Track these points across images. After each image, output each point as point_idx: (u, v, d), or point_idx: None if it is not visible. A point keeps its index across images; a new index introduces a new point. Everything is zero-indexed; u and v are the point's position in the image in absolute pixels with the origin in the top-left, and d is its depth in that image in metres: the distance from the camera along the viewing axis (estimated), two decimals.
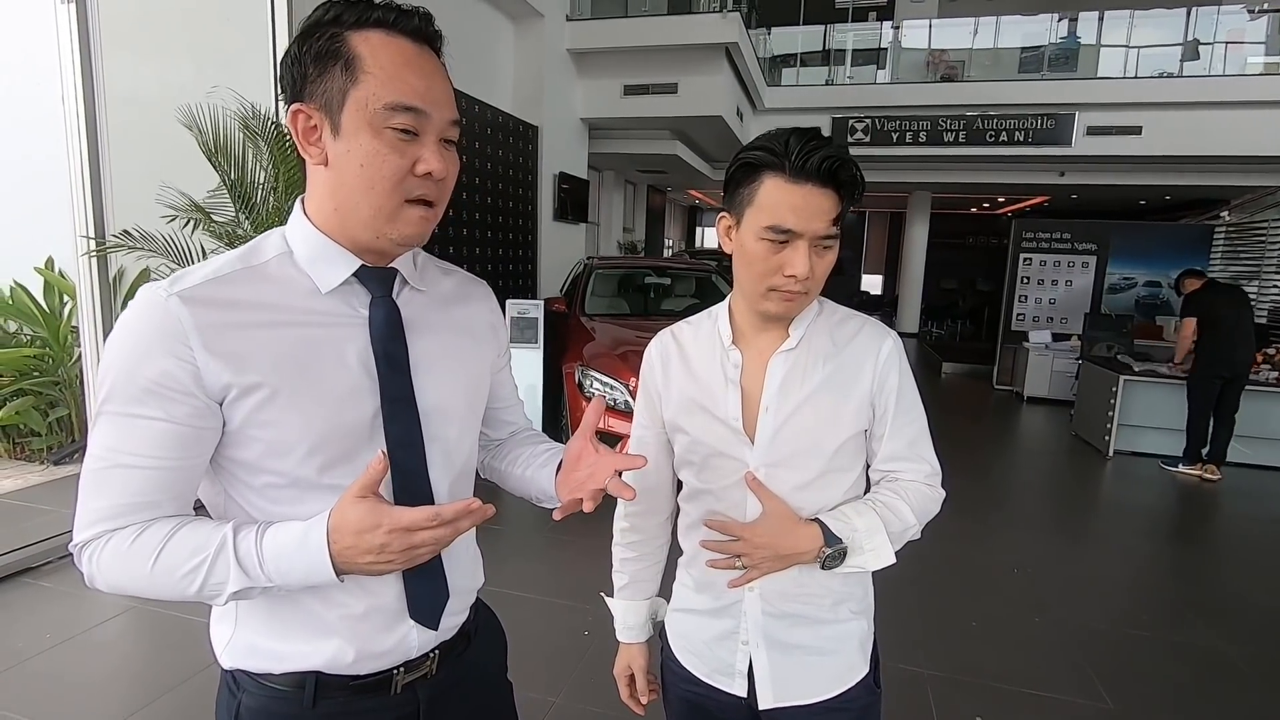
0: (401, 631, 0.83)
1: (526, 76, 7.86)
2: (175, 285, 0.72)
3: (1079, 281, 8.28)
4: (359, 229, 0.76)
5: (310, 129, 0.74)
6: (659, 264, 6.90)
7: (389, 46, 0.72)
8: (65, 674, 2.33)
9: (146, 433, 0.70)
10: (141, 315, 0.70)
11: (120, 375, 0.70)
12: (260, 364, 0.72)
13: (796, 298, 0.92)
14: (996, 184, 12.51)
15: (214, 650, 0.84)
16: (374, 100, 0.71)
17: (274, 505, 0.76)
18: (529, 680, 2.33)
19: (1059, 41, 10.93)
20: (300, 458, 0.75)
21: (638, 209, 14.98)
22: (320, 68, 0.72)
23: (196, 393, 0.70)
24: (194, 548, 0.70)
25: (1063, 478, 5.35)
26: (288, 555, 0.70)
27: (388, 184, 0.73)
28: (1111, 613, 3.04)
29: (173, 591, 0.70)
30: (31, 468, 4.32)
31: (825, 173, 0.86)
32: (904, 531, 0.97)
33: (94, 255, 3.10)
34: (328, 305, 0.78)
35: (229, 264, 0.76)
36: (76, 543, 0.72)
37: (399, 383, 0.80)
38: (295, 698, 0.80)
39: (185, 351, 0.70)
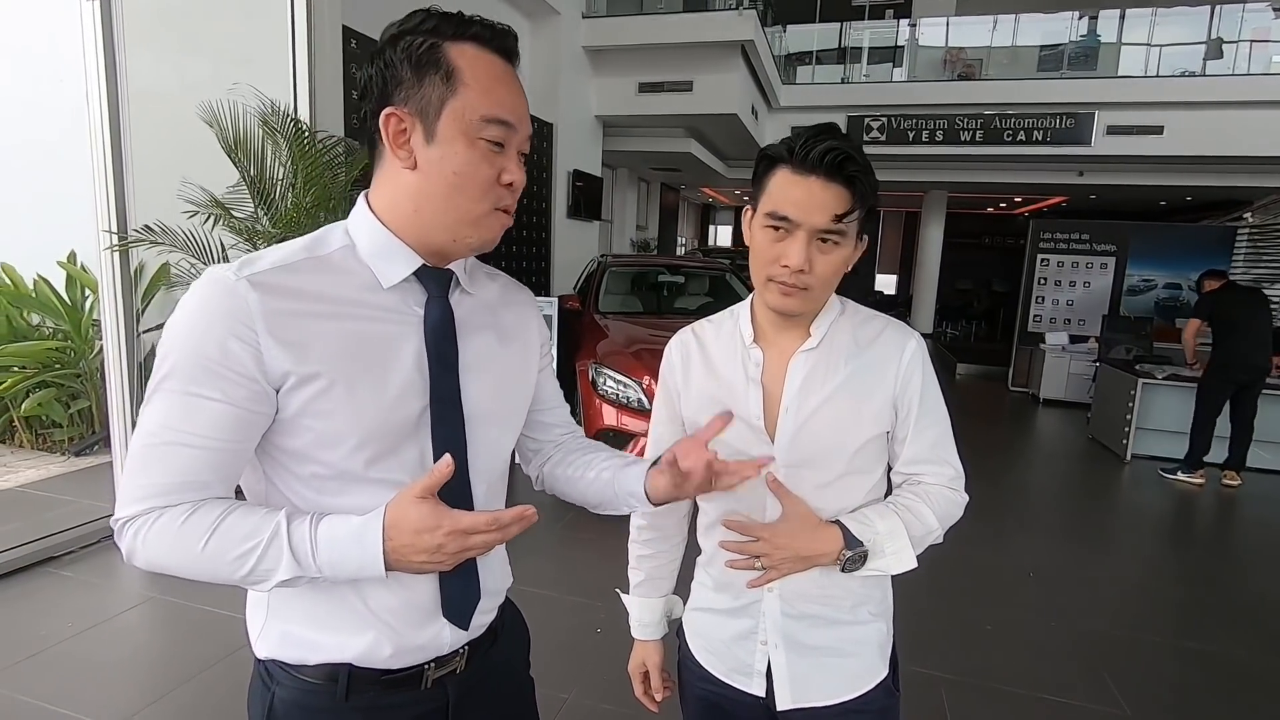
0: (435, 628, 0.85)
1: (541, 74, 7.87)
2: (245, 269, 0.73)
3: (1097, 283, 8.19)
4: (438, 231, 0.79)
5: (400, 132, 0.76)
6: (673, 262, 6.90)
7: (483, 61, 0.76)
8: (87, 662, 2.37)
9: (205, 412, 0.71)
10: (210, 295, 0.71)
11: (184, 353, 0.70)
12: (320, 354, 0.74)
13: (794, 292, 0.91)
14: (1014, 184, 12.39)
15: (248, 637, 0.85)
16: (471, 112, 0.74)
17: (318, 495, 0.77)
18: (541, 676, 2.32)
19: (1079, 40, 10.79)
20: (349, 450, 0.76)
21: (651, 207, 14.97)
22: (418, 74, 0.74)
23: (257, 376, 0.71)
24: (247, 532, 0.71)
25: (1079, 481, 5.30)
26: (342, 548, 0.71)
27: (478, 191, 0.77)
28: (1128, 618, 3.01)
29: (218, 574, 0.71)
30: (53, 459, 4.39)
31: (829, 165, 0.86)
32: (926, 535, 0.97)
33: (116, 250, 3.14)
34: (386, 301, 0.79)
35: (295, 253, 0.77)
36: (121, 517, 0.72)
37: (448, 383, 0.82)
38: (328, 690, 0.81)
39: (250, 334, 0.71)
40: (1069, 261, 8.26)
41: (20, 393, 4.28)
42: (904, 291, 18.47)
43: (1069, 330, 8.01)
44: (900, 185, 13.38)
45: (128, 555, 0.73)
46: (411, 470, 0.80)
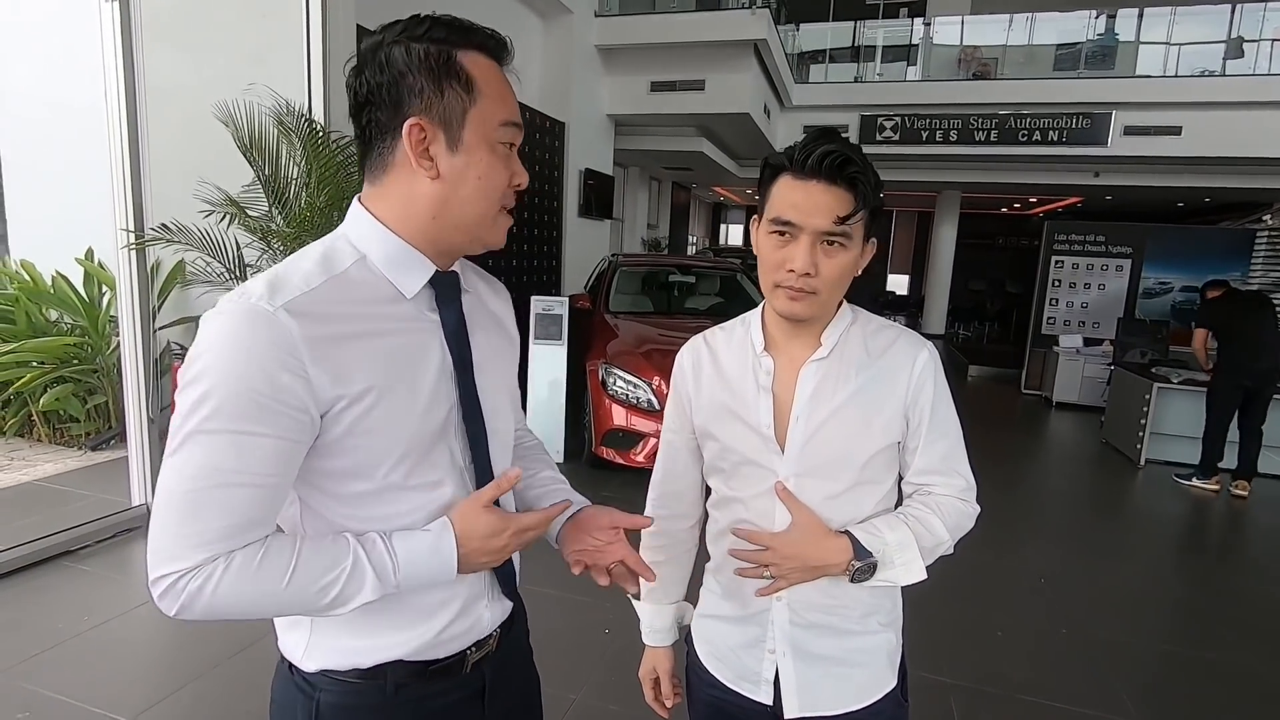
0: (477, 612, 0.88)
1: (554, 73, 7.88)
2: (277, 298, 0.70)
3: (1112, 285, 8.10)
4: (455, 235, 0.80)
5: (421, 141, 0.75)
6: (684, 262, 6.89)
7: (491, 69, 0.79)
8: (102, 656, 2.40)
9: (258, 450, 0.68)
10: (247, 328, 0.68)
11: (230, 391, 0.67)
12: (364, 373, 0.74)
13: (802, 297, 0.91)
14: (1028, 184, 12.29)
15: (287, 655, 0.85)
16: (491, 119, 0.77)
17: (359, 510, 0.78)
18: (549, 676, 2.33)
19: (1096, 38, 10.67)
20: (394, 463, 0.77)
21: (662, 206, 14.96)
22: (436, 84, 0.75)
23: (309, 406, 0.71)
24: (328, 563, 0.72)
25: (1092, 486, 5.25)
26: (421, 563, 0.76)
27: (497, 194, 0.80)
28: (1141, 627, 2.98)
29: (302, 606, 0.72)
30: (70, 453, 4.45)
31: (829, 169, 0.86)
32: (936, 547, 0.96)
33: (133, 248, 3.18)
34: (408, 311, 0.80)
35: (314, 274, 0.75)
36: (175, 570, 0.67)
37: (469, 383, 0.84)
38: (377, 689, 0.82)
39: (298, 365, 0.69)
40: (1084, 263, 8.17)
41: (39, 388, 4.34)
42: (916, 292, 18.36)
43: (1083, 333, 7.93)
44: (913, 185, 13.30)
45: (181, 609, 0.68)
46: (444, 469, 0.82)
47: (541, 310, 4.65)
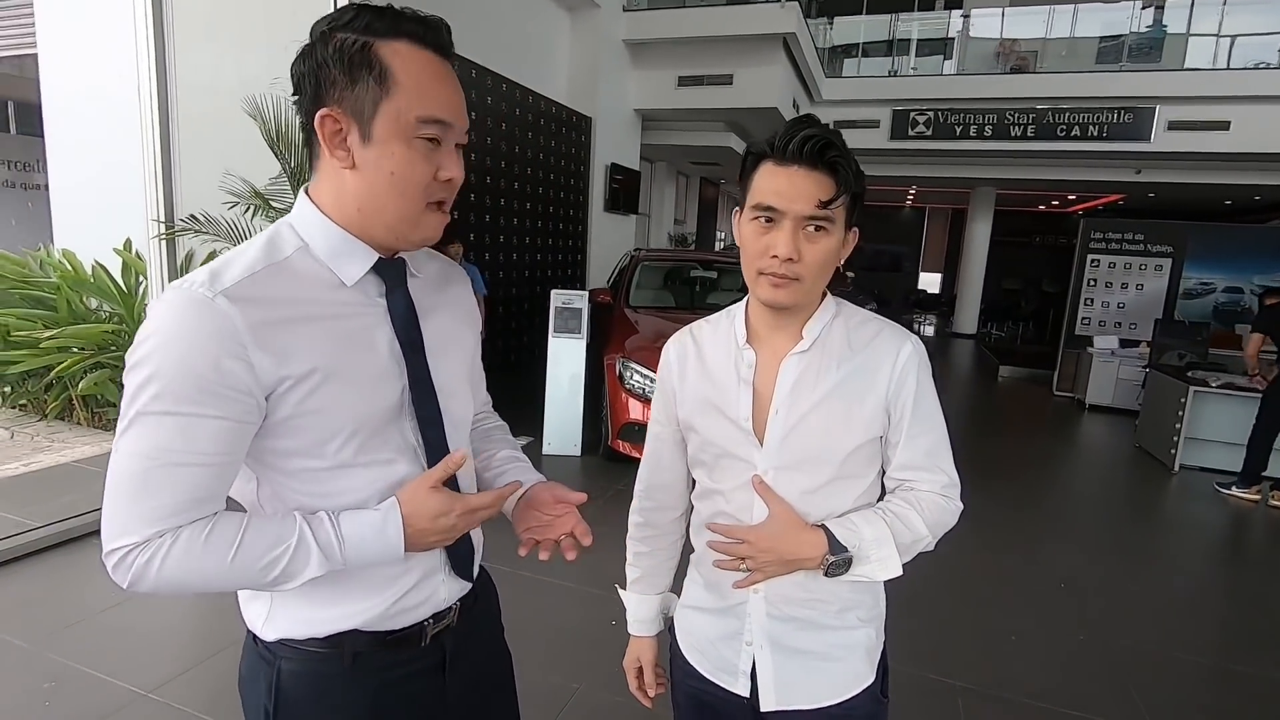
0: (433, 585, 0.90)
1: (581, 67, 7.90)
2: (216, 284, 0.72)
3: (1151, 285, 7.84)
4: (381, 229, 0.80)
5: (336, 133, 0.76)
6: (706, 257, 6.86)
7: (417, 59, 0.76)
8: (129, 630, 2.49)
9: (203, 430, 0.71)
10: (191, 315, 0.70)
11: (174, 375, 0.69)
12: (307, 355, 0.76)
13: (785, 283, 0.91)
14: (1067, 181, 11.96)
15: (250, 626, 0.88)
16: (406, 112, 0.75)
17: (311, 486, 0.80)
18: (554, 666, 2.39)
19: (1143, 31, 10.31)
20: (342, 442, 0.79)
21: (690, 201, 14.90)
22: (350, 75, 0.74)
23: (253, 389, 0.73)
24: (272, 540, 0.74)
25: (1122, 491, 5.11)
26: (367, 542, 0.77)
27: (416, 190, 0.78)
28: (1163, 635, 2.89)
29: (247, 580, 0.74)
30: (106, 436, 4.61)
31: (809, 153, 0.86)
32: (915, 543, 0.95)
33: (163, 238, 3.28)
34: (351, 296, 0.82)
35: (256, 261, 0.77)
36: (124, 544, 0.70)
37: (420, 365, 0.85)
38: (334, 657, 0.85)
39: (241, 350, 0.71)
40: (1121, 262, 7.92)
41: (78, 372, 4.50)
42: (948, 290, 18.00)
43: (1119, 334, 7.70)
44: (945, 181, 13.05)
45: (132, 582, 0.71)
46: (396, 446, 0.84)
47: (561, 304, 4.68)
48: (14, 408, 5.00)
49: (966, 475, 0.99)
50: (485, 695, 1.01)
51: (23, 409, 4.98)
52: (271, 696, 0.85)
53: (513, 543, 0.98)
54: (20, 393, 4.91)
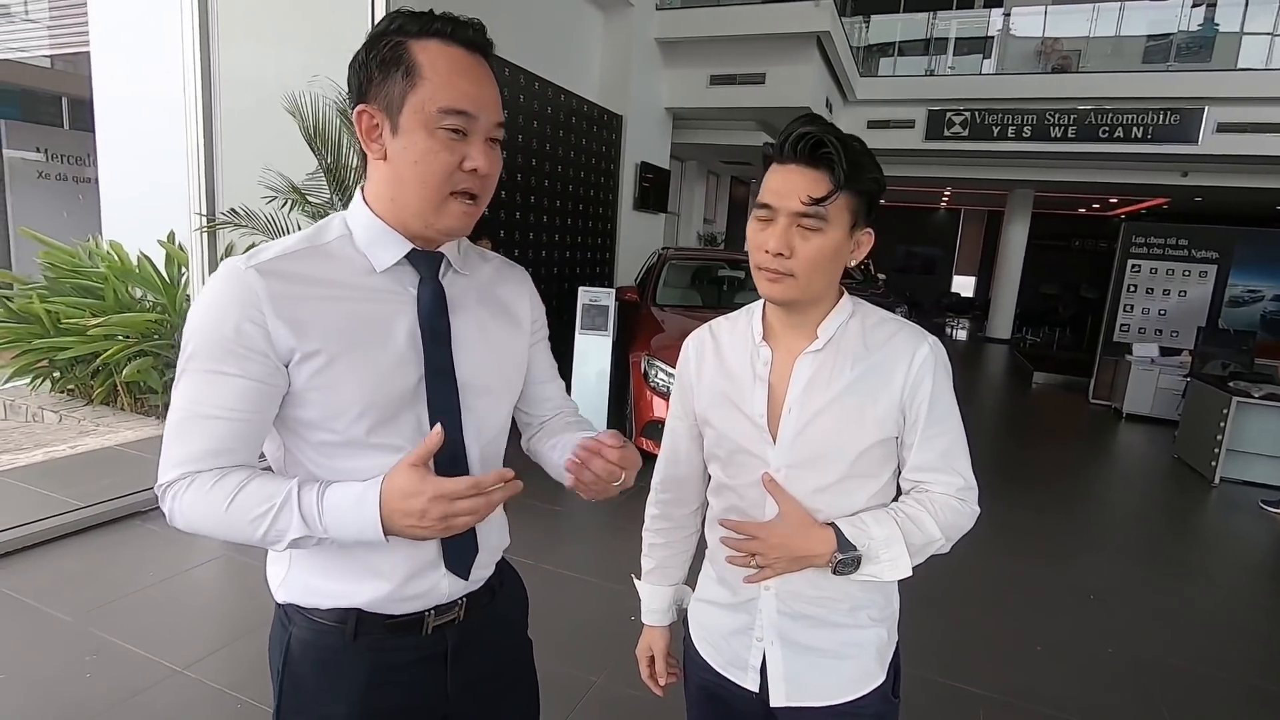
0: (434, 579, 0.92)
1: (613, 66, 7.92)
2: (252, 259, 0.81)
3: (1195, 292, 7.60)
4: (410, 218, 0.85)
5: (373, 127, 0.82)
6: (733, 256, 6.83)
7: (445, 55, 0.81)
8: (165, 608, 2.59)
9: (227, 387, 0.79)
10: (224, 284, 0.79)
11: (205, 336, 0.79)
12: (320, 332, 0.81)
13: (780, 279, 0.92)
14: (1108, 183, 11.64)
15: (269, 585, 0.94)
16: (429, 104, 0.79)
17: (328, 460, 0.85)
18: (573, 658, 2.41)
19: (1193, 30, 9.98)
20: (352, 419, 0.83)
21: (720, 200, 14.84)
22: (384, 72, 0.80)
23: (269, 352, 0.79)
24: (264, 496, 0.78)
25: (1158, 503, 4.97)
26: (344, 512, 0.78)
27: (439, 178, 0.82)
28: (1195, 651, 2.82)
29: (241, 533, 0.79)
30: (149, 421, 4.77)
31: (803, 151, 0.88)
32: (926, 545, 0.95)
33: (204, 231, 3.38)
34: (381, 283, 0.86)
35: (297, 243, 0.85)
36: (161, 482, 0.81)
37: (441, 356, 0.88)
38: (339, 631, 0.89)
39: (259, 316, 0.78)
40: (1163, 268, 7.69)
41: (123, 359, 4.67)
42: (982, 294, 17.65)
43: (1160, 342, 7.48)
44: (982, 183, 12.79)
45: (169, 517, 0.81)
46: (409, 436, 0.87)
47: (588, 301, 4.71)
48: (62, 392, 5.21)
49: (997, 482, 0.99)
50: (497, 692, 1.02)
51: (70, 394, 5.19)
52: (282, 659, 0.91)
53: (538, 536, 1.00)
54: (69, 378, 5.11)
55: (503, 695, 1.04)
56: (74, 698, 2.08)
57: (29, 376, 5.06)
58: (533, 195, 6.82)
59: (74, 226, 6.87)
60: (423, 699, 0.94)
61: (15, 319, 4.95)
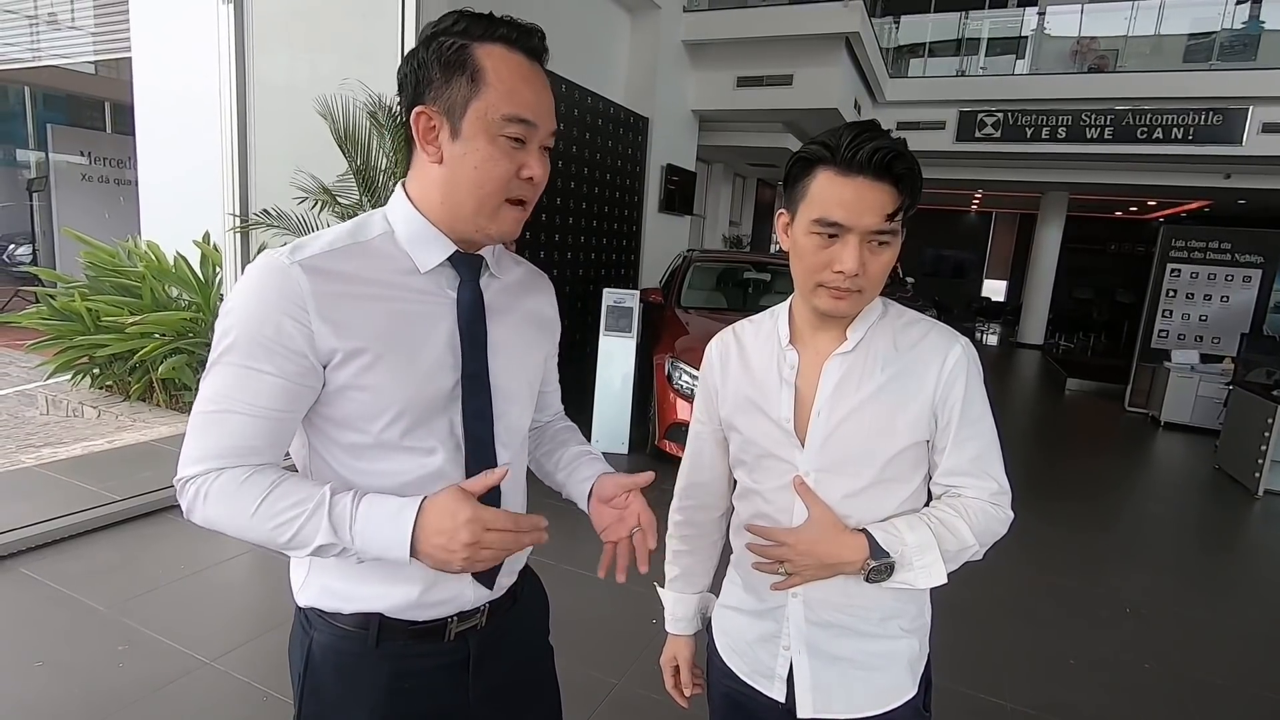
0: (459, 586, 0.90)
1: (639, 68, 7.93)
2: (297, 254, 0.79)
3: (1238, 298, 7.35)
4: (462, 222, 0.84)
5: (430, 129, 0.81)
6: (759, 259, 6.79)
7: (509, 62, 0.80)
8: (196, 600, 2.64)
9: (260, 384, 0.77)
10: (266, 279, 0.78)
11: (243, 331, 0.77)
12: (364, 332, 0.80)
13: (847, 296, 0.89)
14: (1147, 185, 11.33)
15: (292, 586, 0.94)
16: (493, 111, 0.79)
17: (357, 461, 0.84)
18: (593, 660, 2.40)
19: (1236, 28, 9.69)
20: (388, 421, 0.82)
21: (746, 203, 14.78)
22: (446, 75, 0.79)
23: (308, 353, 0.78)
24: (295, 500, 0.76)
25: (1199, 514, 4.81)
26: (376, 524, 0.76)
27: (497, 185, 0.81)
28: (1238, 669, 2.71)
29: (263, 536, 0.77)
30: (183, 418, 4.88)
31: (878, 165, 0.83)
32: (960, 552, 0.92)
33: (237, 231, 3.45)
34: (423, 284, 0.85)
35: (341, 238, 0.83)
36: (183, 476, 0.79)
37: (478, 360, 0.88)
38: (360, 637, 0.88)
39: (303, 315, 0.77)
40: (1204, 273, 7.45)
41: (159, 357, 4.77)
42: (1014, 299, 17.31)
43: (1200, 348, 7.25)
44: (1014, 185, 12.56)
45: (187, 511, 0.79)
46: (441, 438, 0.86)
47: (613, 303, 4.71)
48: (101, 388, 5.35)
49: (1029, 492, 0.96)
50: (519, 699, 1.01)
51: (109, 390, 5.32)
52: (304, 663, 0.90)
53: (558, 537, 0.98)
54: (107, 374, 5.24)
55: (524, 702, 1.03)
56: (107, 686, 2.12)
57: (70, 373, 5.20)
58: (558, 197, 6.85)
59: (115, 227, 7.06)
60: (444, 706, 0.93)
61: (58, 316, 5.10)
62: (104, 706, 2.04)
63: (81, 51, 6.77)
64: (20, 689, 2.10)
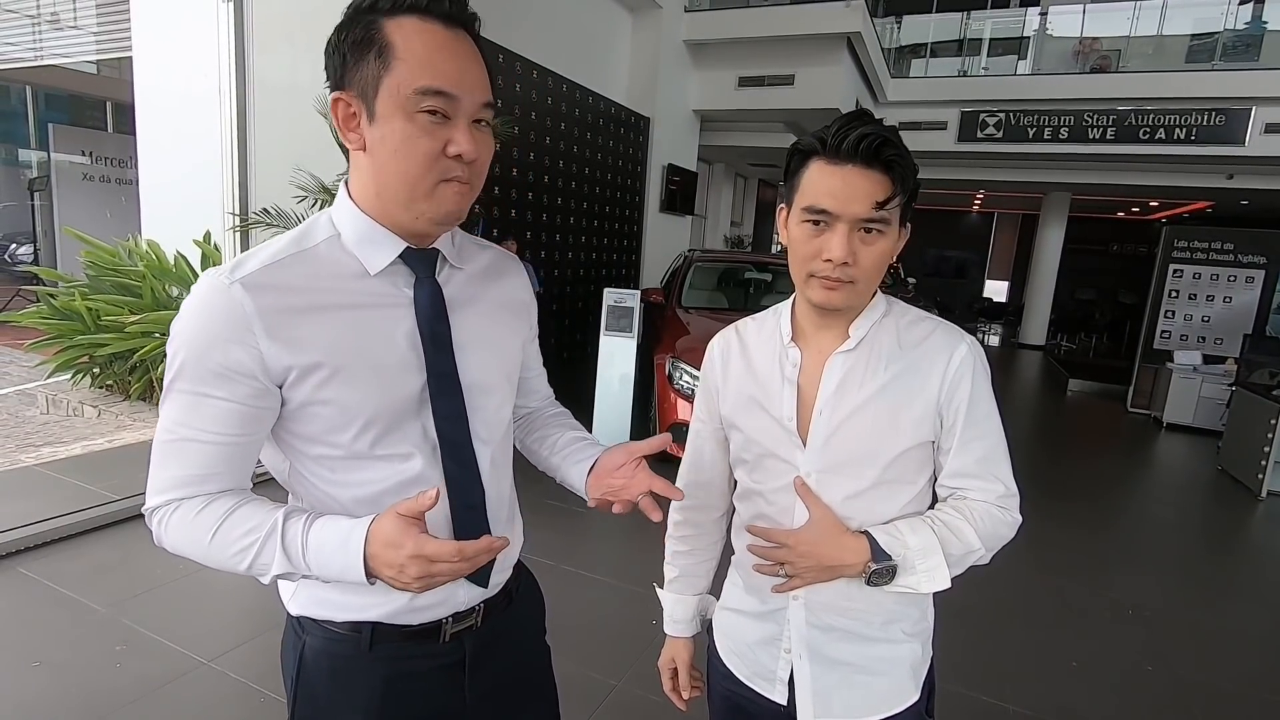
0: (451, 587, 0.87)
1: (641, 68, 7.92)
2: (237, 272, 0.74)
3: (1240, 298, 7.33)
4: (399, 210, 0.78)
5: (350, 116, 0.75)
6: (760, 259, 6.78)
7: (422, 32, 0.73)
8: (194, 600, 2.63)
9: (212, 411, 0.74)
10: (207, 302, 0.74)
11: (189, 357, 0.73)
12: (318, 345, 0.76)
13: (839, 286, 0.87)
14: (1149, 186, 11.32)
15: (281, 598, 0.92)
16: (405, 86, 0.72)
17: (332, 473, 0.82)
18: (592, 661, 2.39)
19: (1239, 28, 9.67)
20: (356, 432, 0.79)
21: (747, 202, 14.77)
22: (356, 56, 0.73)
23: (259, 376, 0.74)
24: (249, 528, 0.75)
25: (1202, 516, 4.80)
26: (328, 552, 0.74)
27: (421, 166, 0.74)
28: (1243, 672, 2.70)
29: (226, 564, 0.76)
30: None
31: (865, 152, 0.82)
32: (965, 555, 0.90)
33: (237, 230, 3.44)
34: (375, 286, 0.80)
35: (284, 249, 0.78)
36: (148, 507, 0.78)
37: (444, 360, 0.84)
38: (353, 640, 0.86)
39: (250, 338, 0.73)
40: (1207, 273, 7.43)
41: (159, 356, 4.77)
42: (1015, 299, 17.29)
43: (1203, 349, 7.23)
44: (1016, 185, 12.54)
45: (157, 540, 0.78)
46: (415, 443, 0.83)
47: (613, 302, 4.70)
48: (101, 388, 5.34)
49: (1031, 493, 0.94)
50: (516, 700, 1.00)
51: (109, 389, 5.31)
52: (296, 667, 0.89)
53: (557, 537, 0.97)
54: (108, 373, 5.24)
55: (521, 703, 1.01)
56: (105, 686, 2.11)
57: (70, 372, 5.20)
58: (559, 197, 6.84)
59: (116, 226, 7.06)
60: (441, 708, 0.91)
61: (59, 316, 5.10)
62: (101, 707, 2.03)
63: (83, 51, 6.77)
64: (18, 689, 2.09)
